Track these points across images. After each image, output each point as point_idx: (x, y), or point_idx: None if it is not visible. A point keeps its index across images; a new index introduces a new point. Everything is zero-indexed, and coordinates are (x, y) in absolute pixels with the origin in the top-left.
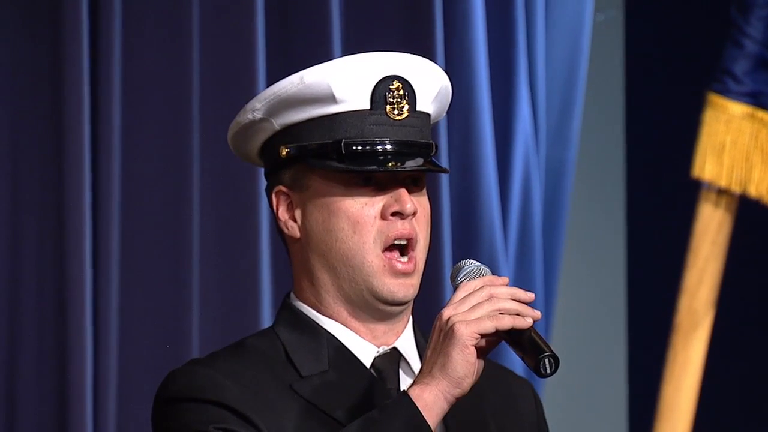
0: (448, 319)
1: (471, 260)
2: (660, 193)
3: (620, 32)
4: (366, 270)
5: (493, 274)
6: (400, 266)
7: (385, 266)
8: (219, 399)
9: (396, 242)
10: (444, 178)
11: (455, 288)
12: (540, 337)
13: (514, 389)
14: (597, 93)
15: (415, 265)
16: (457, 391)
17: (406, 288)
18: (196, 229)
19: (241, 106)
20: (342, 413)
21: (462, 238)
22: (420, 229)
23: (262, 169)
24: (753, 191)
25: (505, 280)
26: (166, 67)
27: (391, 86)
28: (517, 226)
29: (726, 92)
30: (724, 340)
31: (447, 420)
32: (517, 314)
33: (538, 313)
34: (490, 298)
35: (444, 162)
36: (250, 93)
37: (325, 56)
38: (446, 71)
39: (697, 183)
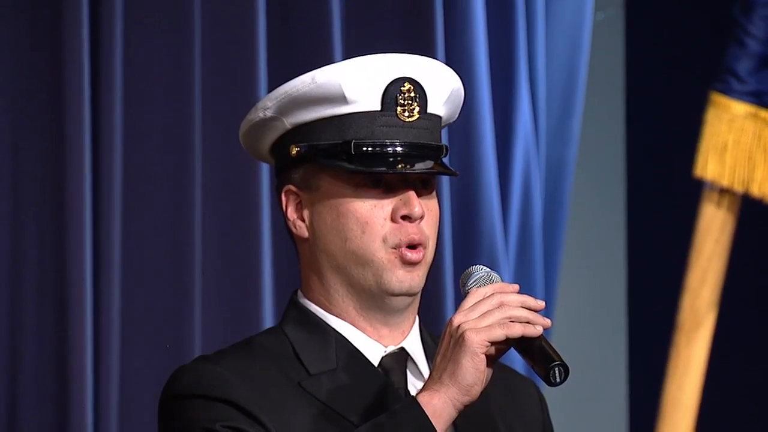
0: (459, 326)
1: (481, 266)
2: (660, 191)
3: (620, 31)
4: (375, 265)
5: (499, 276)
6: (408, 255)
7: (395, 258)
8: (226, 397)
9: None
10: (444, 177)
11: (465, 294)
12: (550, 346)
13: (520, 389)
14: (597, 91)
15: (423, 256)
16: (466, 399)
17: (413, 278)
18: (197, 228)
19: (243, 106)
20: (350, 412)
21: (462, 237)
22: (429, 231)
23: (265, 169)
24: (756, 191)
25: (516, 287)
26: (167, 66)
27: (402, 88)
28: (517, 225)
29: (729, 91)
30: (726, 339)
31: (456, 421)
32: (528, 322)
33: (548, 322)
34: (501, 305)
35: (446, 162)
36: (252, 92)
37: (326, 56)
38: None
39: (697, 181)
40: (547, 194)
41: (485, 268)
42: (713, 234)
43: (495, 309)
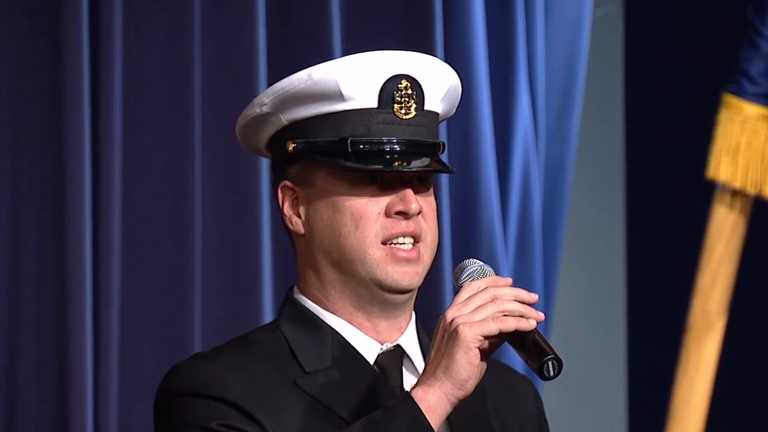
0: (452, 320)
1: (474, 260)
2: (660, 188)
3: (620, 27)
4: (369, 262)
5: (494, 271)
6: (403, 254)
7: (387, 255)
8: (222, 395)
9: (400, 240)
10: (444, 176)
11: (458, 288)
12: (543, 340)
13: (515, 386)
14: (596, 88)
15: (419, 254)
16: (461, 393)
17: (411, 276)
18: (197, 226)
19: (243, 103)
20: (345, 410)
21: (462, 235)
22: (427, 226)
23: (265, 165)
24: None
25: (509, 281)
26: (167, 64)
27: (399, 85)
28: (516, 222)
29: (741, 93)
30: (736, 341)
31: (451, 417)
32: (521, 316)
33: (541, 315)
34: (494, 299)
35: (443, 158)
36: (252, 90)
37: (326, 55)
38: None
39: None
40: (546, 191)
41: (478, 261)
42: (724, 236)
43: (488, 303)
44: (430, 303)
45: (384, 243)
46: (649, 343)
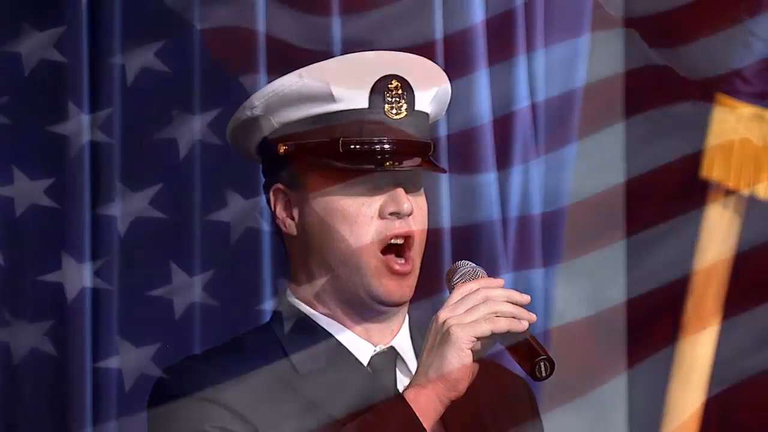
0: (444, 321)
1: (467, 261)
2: (660, 189)
3: (620, 26)
4: (363, 270)
5: (492, 271)
6: (397, 267)
7: (382, 267)
8: (215, 397)
9: (393, 242)
10: (444, 176)
11: (451, 290)
12: (535, 340)
13: (510, 386)
14: (597, 87)
15: (411, 265)
16: (453, 394)
17: (403, 289)
18: (197, 225)
19: (242, 101)
20: (340, 412)
21: (462, 236)
22: (417, 227)
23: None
24: (762, 192)
25: (501, 282)
26: (166, 62)
27: (389, 85)
28: (516, 223)
29: (735, 93)
30: (731, 340)
31: (445, 417)
32: (513, 317)
33: (533, 316)
34: (486, 300)
35: (443, 160)
36: (251, 89)
37: (326, 56)
38: (446, 70)
39: (697, 180)
40: (546, 192)
41: (471, 263)
42: (719, 235)
43: (480, 304)
44: (428, 305)
45: (381, 252)
46: (650, 343)
